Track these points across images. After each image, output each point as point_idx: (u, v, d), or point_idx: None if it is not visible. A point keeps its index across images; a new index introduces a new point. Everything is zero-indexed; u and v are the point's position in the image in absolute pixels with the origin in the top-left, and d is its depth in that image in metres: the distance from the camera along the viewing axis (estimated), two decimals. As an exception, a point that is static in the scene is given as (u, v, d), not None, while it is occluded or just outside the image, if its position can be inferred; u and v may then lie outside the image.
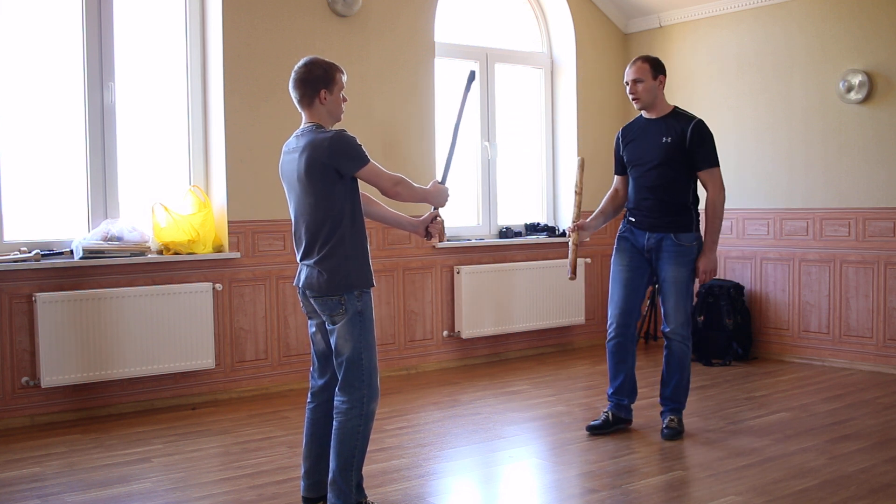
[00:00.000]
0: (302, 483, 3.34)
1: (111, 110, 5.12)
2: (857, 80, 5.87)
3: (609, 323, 4.49)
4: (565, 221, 7.01)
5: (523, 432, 4.55)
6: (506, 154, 6.85)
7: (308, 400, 3.34)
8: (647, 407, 4.98)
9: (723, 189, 4.34)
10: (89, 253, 4.83)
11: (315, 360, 3.32)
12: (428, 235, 3.47)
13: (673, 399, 4.43)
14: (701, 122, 4.33)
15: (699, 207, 4.42)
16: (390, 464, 3.97)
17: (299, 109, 3.21)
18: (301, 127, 3.19)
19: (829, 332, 6.16)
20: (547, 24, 7.08)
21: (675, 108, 4.41)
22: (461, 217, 6.57)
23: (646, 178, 4.34)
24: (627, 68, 4.38)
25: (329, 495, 3.18)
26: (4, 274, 4.64)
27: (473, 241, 6.43)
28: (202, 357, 5.16)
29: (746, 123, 6.54)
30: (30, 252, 4.75)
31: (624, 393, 4.50)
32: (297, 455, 4.00)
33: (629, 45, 7.28)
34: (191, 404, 5.16)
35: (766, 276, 6.47)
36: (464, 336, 6.23)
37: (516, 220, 6.90)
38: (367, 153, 3.12)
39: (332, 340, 3.16)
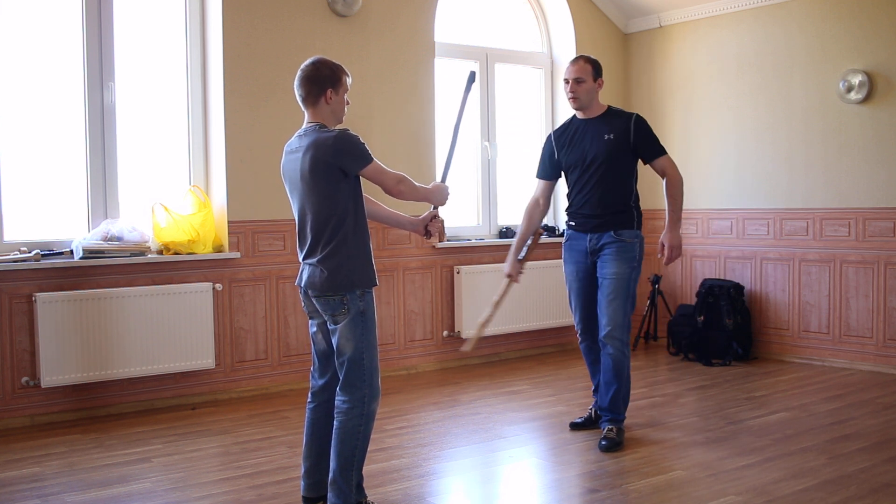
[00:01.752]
0: (302, 483, 3.34)
1: (111, 110, 5.12)
2: (857, 80, 5.87)
3: (576, 327, 4.50)
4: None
5: (523, 432, 4.55)
6: (506, 154, 6.85)
7: (308, 400, 3.34)
8: (646, 407, 4.99)
9: (678, 171, 4.31)
10: (89, 253, 4.84)
11: (315, 359, 3.32)
12: (428, 234, 3.47)
13: (611, 409, 4.27)
14: (640, 116, 4.31)
15: (640, 208, 4.39)
16: (390, 464, 3.97)
17: (303, 108, 3.20)
18: (304, 126, 3.19)
19: (829, 332, 6.16)
20: (547, 24, 7.08)
21: (610, 106, 4.38)
22: (461, 217, 6.57)
23: (589, 178, 4.26)
24: (569, 66, 4.29)
25: (329, 495, 3.18)
26: (4, 274, 4.64)
27: (473, 241, 6.43)
28: (202, 357, 5.16)
29: (746, 123, 6.54)
30: (30, 252, 4.75)
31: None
32: (297, 455, 4.00)
33: (629, 45, 7.28)
34: (191, 404, 5.16)
35: (766, 276, 6.47)
36: (464, 336, 6.22)
37: (516, 220, 6.87)
38: (370, 152, 3.13)
39: (334, 340, 3.16)
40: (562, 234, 6.62)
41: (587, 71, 4.25)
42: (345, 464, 3.14)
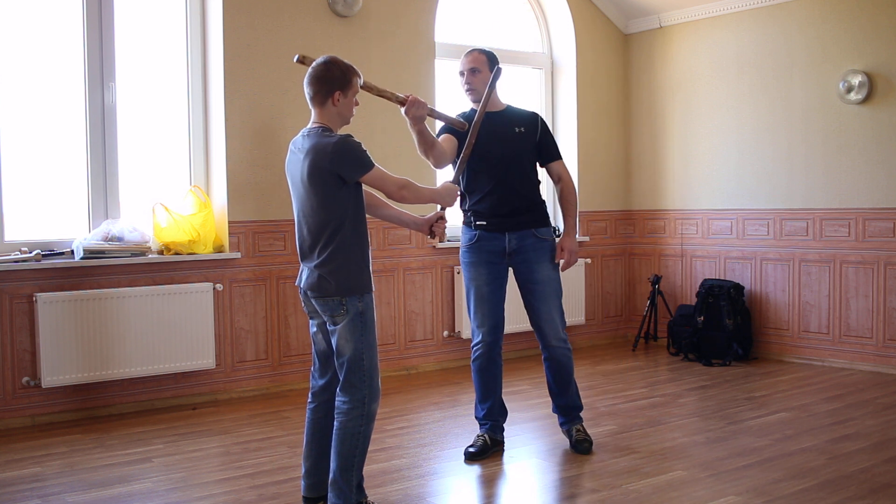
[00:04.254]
0: (302, 483, 3.35)
1: (112, 110, 5.12)
2: (857, 80, 5.88)
3: (475, 341, 4.15)
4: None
5: (523, 432, 4.55)
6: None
7: (309, 400, 3.35)
8: (646, 407, 4.99)
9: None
10: (90, 253, 4.84)
11: (316, 360, 3.32)
12: (432, 234, 3.48)
13: (573, 406, 4.22)
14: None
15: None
16: (390, 464, 3.98)
17: (310, 106, 3.19)
18: (308, 126, 3.18)
19: (828, 333, 6.17)
20: (547, 25, 7.08)
21: (510, 105, 4.16)
22: (462, 216, 6.55)
23: (503, 173, 4.02)
24: (462, 59, 4.06)
25: (329, 495, 3.18)
26: (5, 274, 4.64)
27: (473, 241, 6.42)
28: (203, 357, 5.16)
29: (746, 123, 6.55)
30: (30, 252, 4.75)
31: (496, 414, 4.20)
32: (298, 455, 4.01)
33: (629, 45, 7.28)
34: (191, 404, 5.16)
35: (766, 276, 6.48)
36: (464, 336, 6.23)
37: (516, 220, 6.88)
38: (371, 158, 3.12)
39: (334, 341, 3.17)
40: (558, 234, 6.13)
41: (482, 61, 4.01)
42: (345, 464, 3.14)
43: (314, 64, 3.15)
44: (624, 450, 4.17)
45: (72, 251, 4.91)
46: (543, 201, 4.21)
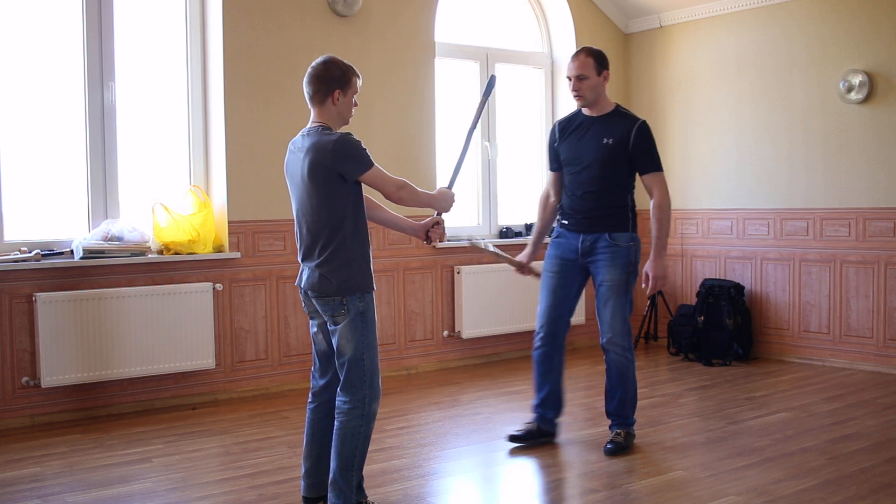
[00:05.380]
0: (302, 483, 3.34)
1: (111, 110, 5.12)
2: (857, 80, 5.87)
3: (536, 332, 4.28)
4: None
5: (523, 432, 4.55)
6: (506, 154, 6.85)
7: (309, 400, 3.34)
8: (646, 407, 4.99)
9: (668, 194, 4.12)
10: (89, 253, 4.84)
11: (316, 359, 3.32)
12: (428, 240, 3.46)
13: (618, 413, 4.19)
14: (645, 123, 4.11)
15: (636, 209, 4.20)
16: (390, 464, 3.97)
17: (309, 106, 3.19)
18: (308, 126, 3.19)
19: (829, 333, 6.16)
20: (547, 25, 7.08)
21: (618, 106, 4.18)
22: (461, 217, 6.57)
23: (582, 179, 4.10)
24: (570, 61, 4.08)
25: (329, 495, 3.18)
26: (5, 274, 4.64)
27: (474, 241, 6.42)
28: (202, 357, 5.16)
29: (746, 123, 6.54)
30: (30, 252, 4.75)
31: (549, 406, 4.25)
32: (298, 455, 4.00)
33: (629, 45, 7.28)
34: (191, 404, 5.16)
35: (767, 276, 6.47)
36: (464, 336, 6.23)
37: (516, 220, 6.89)
38: (371, 157, 3.12)
39: (334, 341, 3.16)
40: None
41: (589, 65, 4.04)
42: (345, 464, 3.14)
43: (314, 63, 3.16)
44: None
45: (71, 251, 4.91)
46: (627, 207, 4.14)
